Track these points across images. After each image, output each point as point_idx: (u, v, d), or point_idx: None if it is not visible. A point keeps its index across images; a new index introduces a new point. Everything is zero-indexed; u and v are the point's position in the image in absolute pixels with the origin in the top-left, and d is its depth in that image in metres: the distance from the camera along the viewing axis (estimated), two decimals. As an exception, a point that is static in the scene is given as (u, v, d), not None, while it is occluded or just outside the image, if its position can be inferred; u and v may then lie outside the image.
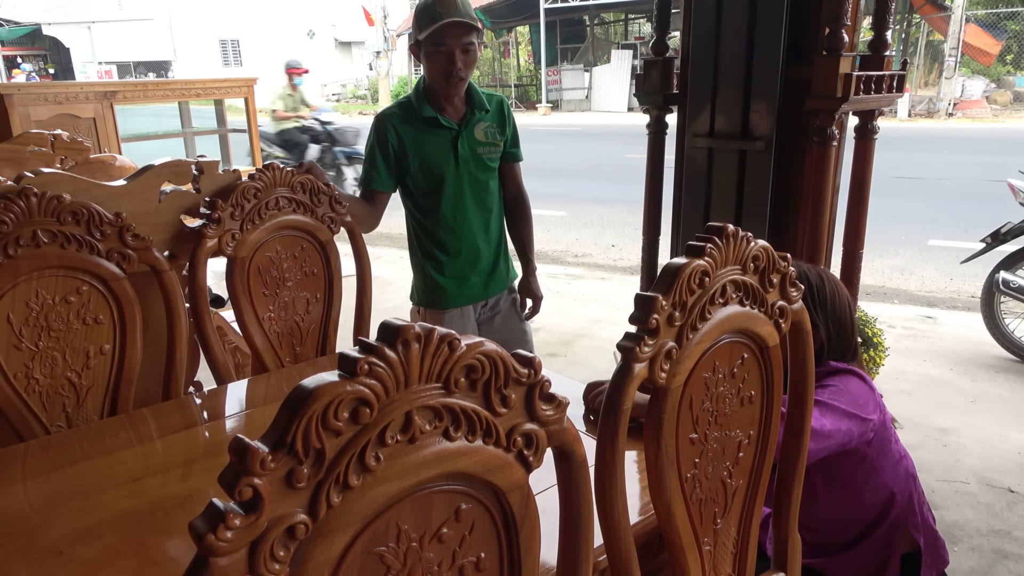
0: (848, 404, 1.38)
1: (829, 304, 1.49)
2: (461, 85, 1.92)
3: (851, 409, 1.38)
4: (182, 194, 1.68)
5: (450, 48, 1.84)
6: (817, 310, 1.46)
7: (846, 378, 1.44)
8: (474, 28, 1.85)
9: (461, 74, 1.88)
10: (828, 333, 1.47)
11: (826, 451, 1.34)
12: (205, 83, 4.75)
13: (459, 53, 1.85)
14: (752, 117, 2.05)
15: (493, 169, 2.06)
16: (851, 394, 1.40)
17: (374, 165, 1.99)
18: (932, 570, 1.52)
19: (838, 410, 1.37)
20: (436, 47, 1.84)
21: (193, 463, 1.28)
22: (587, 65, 20.04)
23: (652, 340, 0.85)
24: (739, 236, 0.92)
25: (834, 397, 1.38)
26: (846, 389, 1.41)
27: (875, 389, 1.46)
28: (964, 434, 2.84)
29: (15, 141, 2.34)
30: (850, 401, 1.39)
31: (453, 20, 1.80)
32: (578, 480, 0.79)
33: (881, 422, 1.44)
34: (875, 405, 1.43)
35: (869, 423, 1.40)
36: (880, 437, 1.45)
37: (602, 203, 7.77)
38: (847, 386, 1.41)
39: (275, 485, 0.56)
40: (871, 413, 1.41)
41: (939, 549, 1.55)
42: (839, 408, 1.37)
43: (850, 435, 1.38)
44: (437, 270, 2.07)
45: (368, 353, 0.60)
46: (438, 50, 1.84)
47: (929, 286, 4.93)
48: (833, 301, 1.49)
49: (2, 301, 1.36)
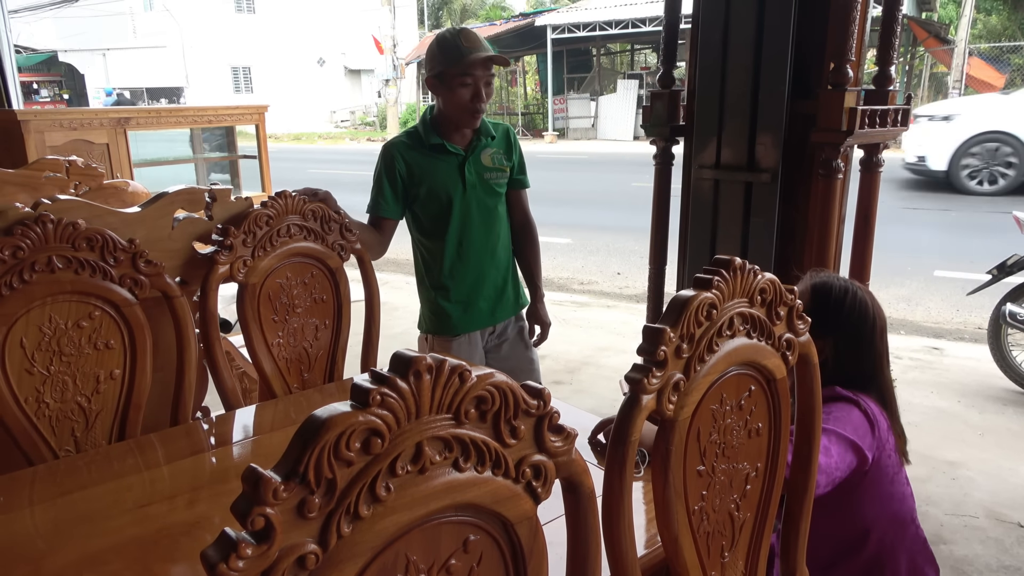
0: (852, 433, 1.35)
1: (845, 318, 1.42)
2: (480, 117, 1.97)
3: (854, 438, 1.35)
4: (195, 221, 1.71)
5: (477, 81, 1.89)
6: (827, 320, 1.38)
7: (847, 408, 1.39)
8: (502, 63, 1.93)
9: (483, 107, 1.93)
10: (837, 352, 1.41)
11: (832, 486, 1.33)
12: (217, 110, 4.82)
13: (483, 85, 1.90)
14: (758, 149, 2.07)
15: (500, 194, 2.09)
16: (853, 424, 1.37)
17: (382, 192, 2.01)
18: None
19: (843, 439, 1.34)
20: (464, 79, 1.88)
21: (200, 490, 1.29)
22: (593, 94, 20.25)
23: (660, 372, 0.86)
24: (746, 269, 0.92)
25: (838, 426, 1.35)
26: (848, 419, 1.37)
27: (877, 425, 1.41)
28: (973, 467, 2.81)
29: (31, 167, 2.38)
30: (853, 431, 1.36)
31: (488, 55, 1.88)
32: (586, 512, 0.79)
33: (876, 461, 1.40)
34: (871, 444, 1.38)
35: (867, 459, 1.37)
36: (872, 475, 1.41)
37: (608, 231, 7.80)
38: (849, 416, 1.38)
39: (287, 515, 0.57)
40: (868, 450, 1.37)
41: None
42: (844, 437, 1.34)
43: (851, 466, 1.35)
44: (443, 297, 2.08)
45: (380, 384, 0.61)
46: (465, 82, 1.89)
47: (936, 317, 4.91)
48: (851, 317, 1.43)
49: (16, 326, 1.38)
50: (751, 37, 2.03)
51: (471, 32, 1.93)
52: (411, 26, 29.99)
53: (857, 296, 1.46)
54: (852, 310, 1.44)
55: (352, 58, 28.67)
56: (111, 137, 3.90)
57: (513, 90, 23.91)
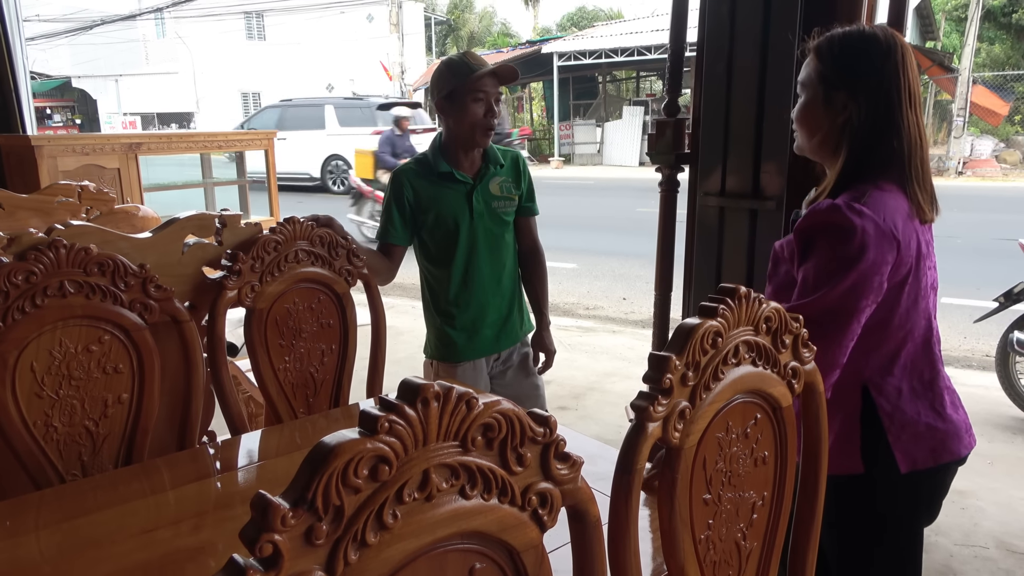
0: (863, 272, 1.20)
1: (874, 72, 1.24)
2: (492, 133, 1.99)
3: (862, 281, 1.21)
4: (204, 246, 1.72)
5: (488, 96, 1.93)
6: (846, 71, 1.26)
7: (882, 197, 1.22)
8: (510, 74, 1.98)
9: (495, 123, 1.96)
10: (864, 115, 1.25)
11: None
12: (227, 136, 4.88)
13: (494, 101, 1.94)
14: (763, 177, 2.08)
15: (508, 223, 2.10)
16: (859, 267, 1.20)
17: (390, 219, 2.03)
18: (903, 446, 1.31)
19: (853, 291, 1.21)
20: (475, 94, 1.91)
21: (205, 515, 1.29)
22: (599, 120, 20.42)
23: (665, 400, 0.86)
24: (751, 297, 0.93)
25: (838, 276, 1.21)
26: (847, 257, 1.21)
27: (898, 239, 1.22)
28: (982, 497, 2.78)
29: (44, 192, 2.42)
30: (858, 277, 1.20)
31: (497, 65, 1.93)
32: (592, 540, 0.79)
33: (906, 277, 1.26)
34: (908, 243, 1.23)
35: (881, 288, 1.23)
36: (909, 288, 1.28)
37: (613, 256, 7.82)
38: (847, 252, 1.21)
39: (295, 542, 0.57)
40: (896, 262, 1.22)
41: (913, 429, 1.32)
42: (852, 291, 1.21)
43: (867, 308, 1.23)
44: (449, 323, 2.09)
45: (388, 411, 0.61)
46: (477, 97, 1.91)
47: (943, 344, 4.89)
48: (884, 70, 1.24)
49: (27, 350, 1.39)
50: (755, 65, 2.06)
51: (475, 53, 1.99)
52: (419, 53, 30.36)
53: (905, 47, 1.27)
54: (901, 64, 1.25)
55: (361, 84, 29.02)
56: (122, 162, 3.95)
57: (520, 116, 24.15)
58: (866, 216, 1.21)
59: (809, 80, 1.33)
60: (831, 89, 1.30)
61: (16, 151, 3.59)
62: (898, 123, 1.26)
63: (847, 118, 1.29)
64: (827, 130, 1.32)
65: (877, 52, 1.26)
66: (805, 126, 1.36)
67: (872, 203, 1.23)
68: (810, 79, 1.33)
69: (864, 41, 1.28)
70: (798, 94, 1.37)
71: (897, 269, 1.25)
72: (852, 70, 1.28)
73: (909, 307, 1.31)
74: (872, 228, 1.21)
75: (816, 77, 1.32)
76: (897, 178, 1.28)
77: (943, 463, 1.34)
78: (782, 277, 1.35)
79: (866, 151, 1.29)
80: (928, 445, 1.33)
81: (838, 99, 1.29)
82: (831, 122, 1.31)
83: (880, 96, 1.26)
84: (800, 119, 1.37)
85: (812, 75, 1.33)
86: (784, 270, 1.34)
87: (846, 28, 1.32)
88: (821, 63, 1.31)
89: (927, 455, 1.33)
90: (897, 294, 1.28)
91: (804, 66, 1.35)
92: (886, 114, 1.26)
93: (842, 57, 1.29)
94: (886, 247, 1.22)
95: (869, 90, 1.27)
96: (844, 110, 1.29)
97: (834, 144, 1.33)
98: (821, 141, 1.34)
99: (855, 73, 1.27)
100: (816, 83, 1.32)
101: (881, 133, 1.27)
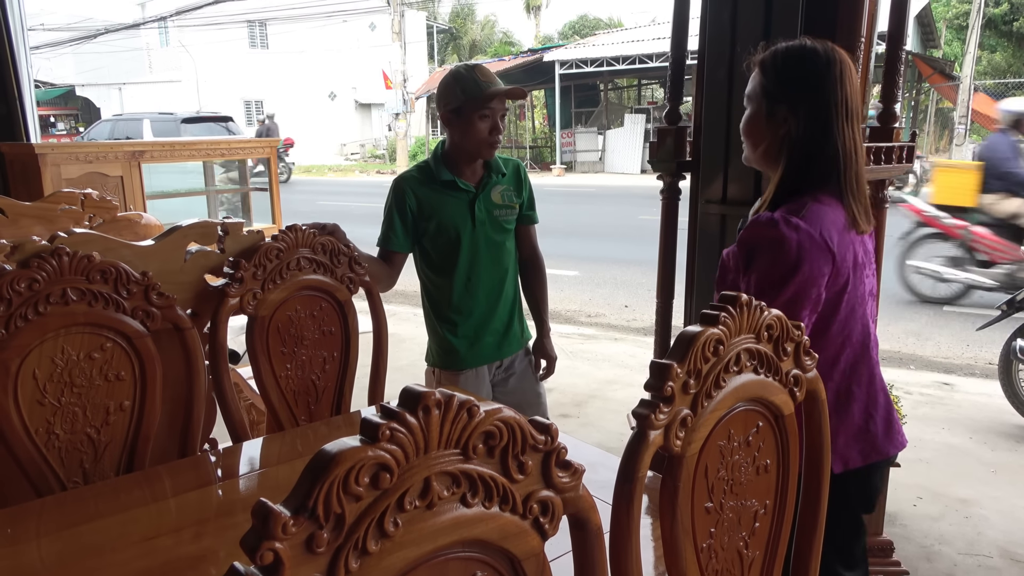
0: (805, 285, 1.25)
1: (812, 87, 1.28)
2: (496, 148, 2.01)
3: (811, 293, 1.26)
4: (207, 254, 1.73)
5: (494, 113, 1.94)
6: (805, 85, 1.29)
7: (780, 247, 1.26)
8: (519, 96, 1.99)
9: (499, 139, 1.97)
10: (802, 128, 1.29)
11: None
12: (229, 143, 4.91)
13: (499, 117, 1.95)
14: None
15: (509, 231, 2.11)
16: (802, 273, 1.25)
17: (392, 227, 2.04)
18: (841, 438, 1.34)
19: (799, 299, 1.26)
20: (483, 112, 1.92)
21: (206, 523, 1.29)
22: (601, 128, 20.45)
23: (667, 407, 0.86)
24: (753, 305, 0.93)
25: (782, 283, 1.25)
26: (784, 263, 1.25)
27: (834, 252, 1.27)
28: (986, 506, 2.77)
29: (48, 200, 2.42)
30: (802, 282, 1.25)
31: (507, 89, 1.93)
32: (593, 549, 0.79)
33: (844, 286, 1.31)
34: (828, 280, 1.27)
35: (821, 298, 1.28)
36: (848, 299, 1.32)
37: (615, 263, 7.82)
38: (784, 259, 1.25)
39: (295, 550, 0.57)
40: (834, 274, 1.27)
41: (849, 431, 1.35)
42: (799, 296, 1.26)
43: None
44: (451, 331, 2.09)
45: (390, 419, 0.61)
46: (484, 115, 1.92)
47: (945, 352, 4.88)
48: (823, 85, 1.27)
49: (30, 357, 1.39)
50: (756, 75, 2.06)
51: (485, 67, 1.97)
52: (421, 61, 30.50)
53: (836, 59, 1.30)
54: (827, 76, 1.29)
55: (363, 92, 29.12)
56: (125, 170, 3.96)
57: (521, 124, 24.20)
58: (802, 230, 1.26)
59: (754, 93, 1.39)
60: (773, 102, 1.35)
61: (20, 159, 3.61)
62: (835, 136, 1.31)
63: (787, 130, 1.33)
64: (769, 141, 1.37)
65: (817, 67, 1.31)
66: (750, 137, 1.42)
67: (809, 216, 1.28)
68: (755, 92, 1.38)
69: (805, 56, 1.33)
70: (746, 106, 1.42)
71: (834, 280, 1.30)
72: (793, 84, 1.33)
73: (847, 315, 1.36)
74: (808, 242, 1.26)
75: (760, 90, 1.37)
76: (835, 190, 1.33)
77: (872, 463, 1.40)
78: (729, 286, 1.39)
79: (805, 162, 1.33)
80: (859, 446, 1.38)
81: (779, 112, 1.34)
82: (773, 134, 1.36)
83: (819, 110, 1.31)
84: (746, 131, 1.42)
85: (757, 88, 1.38)
86: (731, 279, 1.39)
87: (789, 43, 1.36)
88: (765, 77, 1.36)
89: (858, 455, 1.38)
90: (836, 303, 1.33)
91: (751, 80, 1.41)
92: (824, 127, 1.31)
93: (784, 71, 1.34)
94: (822, 260, 1.27)
95: (808, 104, 1.31)
96: (784, 123, 1.34)
97: (775, 155, 1.37)
98: (764, 152, 1.40)
99: (795, 87, 1.32)
100: (760, 96, 1.37)
101: (819, 145, 1.32)
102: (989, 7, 19.19)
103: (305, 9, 24.79)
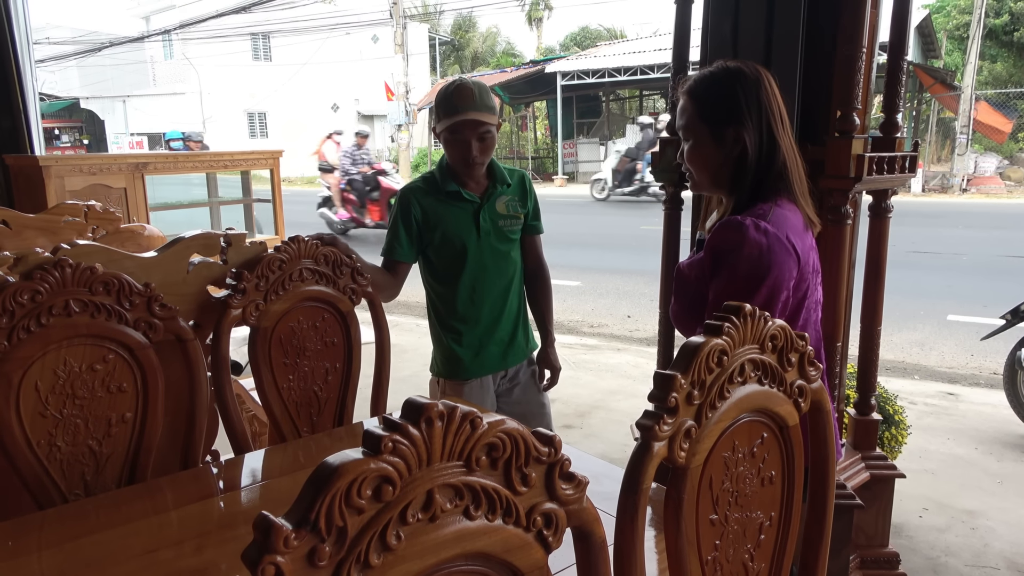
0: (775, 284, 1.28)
1: (765, 100, 1.32)
2: (479, 168, 2.00)
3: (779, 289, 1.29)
4: (209, 265, 1.73)
5: (466, 138, 1.92)
6: (747, 103, 1.32)
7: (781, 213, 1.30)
8: (489, 120, 1.93)
9: (478, 160, 1.95)
10: (754, 145, 1.33)
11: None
12: (233, 155, 4.91)
13: (475, 141, 1.93)
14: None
15: (514, 241, 2.11)
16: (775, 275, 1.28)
17: (397, 237, 2.04)
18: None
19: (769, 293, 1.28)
20: (454, 135, 1.92)
21: (207, 535, 1.28)
22: (602, 139, 20.50)
23: (671, 418, 0.85)
24: (756, 315, 0.93)
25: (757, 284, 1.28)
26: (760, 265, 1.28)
27: (799, 255, 1.31)
28: (992, 517, 2.75)
29: (51, 212, 2.43)
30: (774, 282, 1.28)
31: (468, 118, 1.89)
32: (597, 561, 0.78)
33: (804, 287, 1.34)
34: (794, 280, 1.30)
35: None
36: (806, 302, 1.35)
37: (618, 273, 7.82)
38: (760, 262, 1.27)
39: (297, 563, 0.56)
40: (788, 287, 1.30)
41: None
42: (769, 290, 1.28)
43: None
44: (455, 340, 2.09)
45: (392, 430, 0.61)
46: (455, 139, 1.93)
47: (950, 362, 4.86)
48: (760, 101, 1.32)
49: (32, 369, 1.39)
50: (758, 85, 2.07)
51: (466, 88, 1.91)
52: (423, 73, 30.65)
53: (769, 76, 1.37)
54: (769, 91, 1.35)
55: (365, 104, 29.25)
56: (129, 182, 3.97)
57: (523, 135, 24.27)
58: (770, 234, 1.28)
59: (692, 123, 1.40)
60: (718, 127, 1.36)
61: (24, 171, 3.62)
62: (780, 145, 1.35)
63: (741, 150, 1.35)
64: (721, 164, 1.38)
65: (751, 84, 1.34)
66: (699, 166, 1.42)
67: (775, 220, 1.31)
68: (693, 122, 1.39)
69: (736, 77, 1.35)
70: (683, 139, 1.43)
71: (799, 284, 1.33)
72: (735, 105, 1.34)
73: (804, 322, 1.38)
74: (776, 245, 1.28)
75: (698, 119, 1.38)
76: (788, 194, 1.37)
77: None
78: (692, 296, 1.40)
79: (762, 174, 1.36)
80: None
81: (728, 135, 1.35)
82: (725, 157, 1.37)
83: (763, 124, 1.34)
84: (694, 161, 1.43)
85: (694, 118, 1.39)
86: (694, 289, 1.39)
87: (711, 69, 1.39)
88: (700, 105, 1.38)
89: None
90: (797, 308, 1.35)
91: (680, 112, 1.41)
92: (771, 140, 1.35)
93: (720, 96, 1.35)
94: (790, 263, 1.30)
95: (753, 121, 1.34)
96: (737, 143, 1.35)
97: (728, 177, 1.39)
98: (714, 177, 1.41)
99: (738, 108, 1.34)
100: (699, 125, 1.38)
101: (771, 158, 1.36)
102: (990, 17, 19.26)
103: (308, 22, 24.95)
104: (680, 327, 1.46)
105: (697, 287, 1.37)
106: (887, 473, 2.23)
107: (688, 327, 1.42)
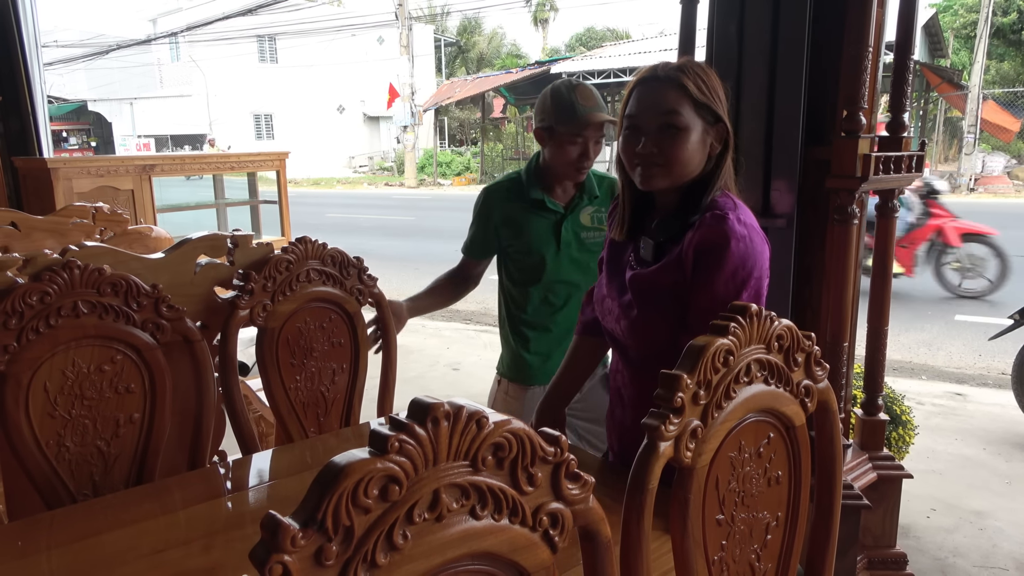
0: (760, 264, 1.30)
1: (725, 97, 1.35)
2: (585, 174, 1.95)
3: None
4: (216, 266, 1.74)
5: (586, 140, 1.87)
6: (716, 99, 1.33)
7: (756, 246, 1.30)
8: (612, 122, 1.86)
9: (589, 164, 1.92)
10: (731, 136, 1.35)
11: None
12: (239, 157, 4.93)
13: (592, 144, 1.89)
14: (773, 195, 2.08)
15: (595, 253, 2.01)
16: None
17: (475, 236, 2.04)
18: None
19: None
20: (574, 138, 1.86)
21: (215, 535, 1.28)
22: (608, 139, 20.44)
23: (677, 419, 0.85)
24: (762, 315, 0.93)
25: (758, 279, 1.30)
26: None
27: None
28: (1001, 518, 2.74)
29: (59, 213, 2.45)
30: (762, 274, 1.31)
31: (598, 119, 1.85)
32: (604, 561, 0.78)
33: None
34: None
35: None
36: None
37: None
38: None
39: (304, 563, 0.57)
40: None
41: None
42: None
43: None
44: (523, 346, 2.05)
45: (399, 430, 0.61)
46: (574, 140, 1.87)
47: (957, 362, 4.84)
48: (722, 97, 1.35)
49: (40, 370, 1.40)
50: (764, 85, 2.06)
51: (587, 89, 1.88)
52: (429, 74, 30.70)
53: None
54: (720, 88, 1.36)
55: (371, 105, 29.33)
56: (136, 184, 4.00)
57: (529, 135, 24.27)
58: (748, 226, 1.30)
59: (686, 115, 1.31)
60: (710, 122, 1.34)
61: (33, 173, 3.65)
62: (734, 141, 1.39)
63: (728, 142, 1.36)
64: (703, 159, 1.36)
65: (717, 79, 1.36)
66: (689, 160, 1.33)
67: (745, 211, 1.33)
68: (687, 114, 1.31)
69: (711, 73, 1.37)
70: (676, 128, 1.32)
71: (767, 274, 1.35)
72: (719, 100, 1.35)
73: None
74: (756, 236, 1.30)
75: (694, 112, 1.31)
76: (735, 188, 1.40)
77: None
78: (666, 301, 1.33)
79: (734, 166, 1.39)
80: None
81: (719, 129, 1.35)
82: (711, 151, 1.36)
83: (727, 118, 1.36)
84: (684, 156, 1.32)
85: (689, 110, 1.31)
86: (667, 292, 1.33)
87: (694, 63, 1.37)
88: (692, 99, 1.31)
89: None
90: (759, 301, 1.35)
91: (672, 104, 1.31)
92: (735, 131, 1.39)
93: (708, 90, 1.34)
94: (767, 250, 1.33)
95: (727, 115, 1.35)
96: (725, 134, 1.35)
97: (701, 171, 1.36)
98: (691, 170, 1.34)
99: (719, 100, 1.35)
100: (695, 118, 1.32)
101: (738, 148, 1.40)
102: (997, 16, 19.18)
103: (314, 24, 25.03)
104: (647, 334, 1.37)
105: (672, 290, 1.32)
106: (894, 473, 2.22)
107: (660, 330, 1.34)
